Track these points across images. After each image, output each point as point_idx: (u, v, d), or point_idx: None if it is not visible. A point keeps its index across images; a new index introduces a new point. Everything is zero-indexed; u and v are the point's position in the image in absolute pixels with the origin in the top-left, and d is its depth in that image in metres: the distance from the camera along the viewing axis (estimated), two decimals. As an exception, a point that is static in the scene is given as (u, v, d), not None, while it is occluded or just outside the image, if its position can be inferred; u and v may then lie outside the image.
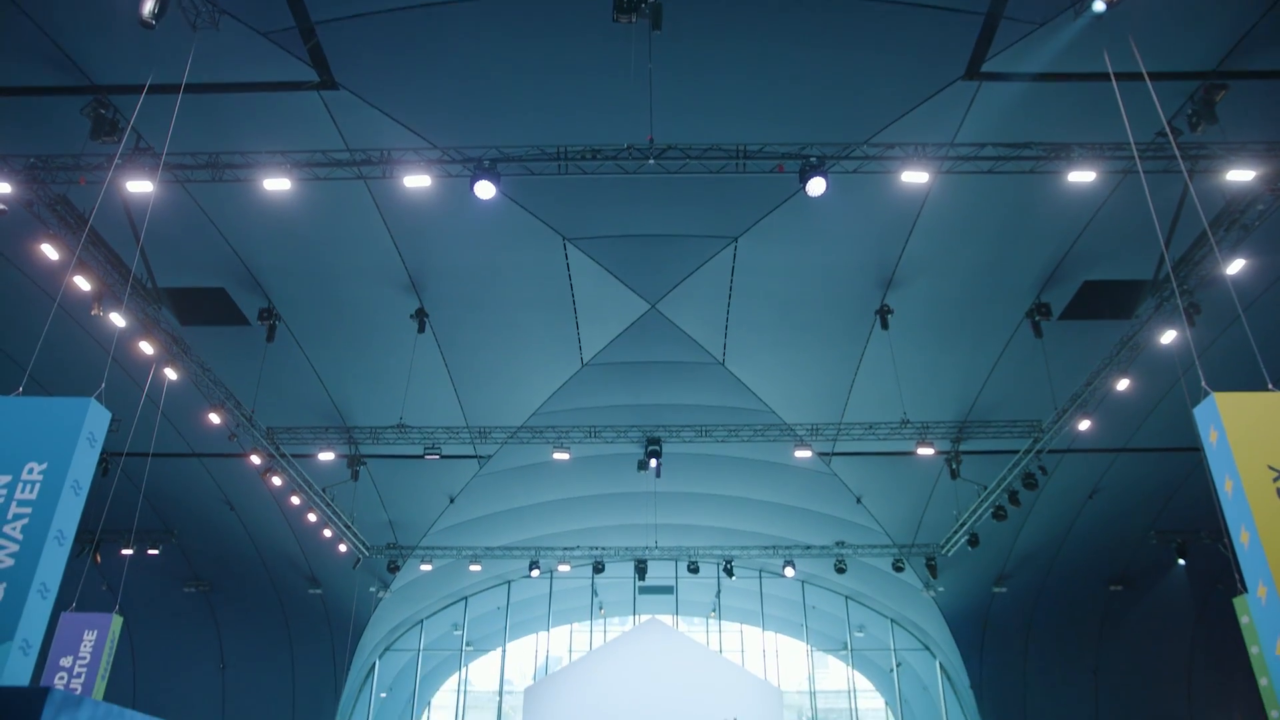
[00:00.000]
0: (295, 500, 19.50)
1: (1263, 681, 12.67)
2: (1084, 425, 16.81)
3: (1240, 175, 11.66)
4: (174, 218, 13.95)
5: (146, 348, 14.49)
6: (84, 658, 15.79)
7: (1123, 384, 15.64)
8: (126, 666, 25.59)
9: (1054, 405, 17.10)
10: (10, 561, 7.82)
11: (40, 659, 12.01)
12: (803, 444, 19.24)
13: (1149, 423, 19.08)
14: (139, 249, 13.29)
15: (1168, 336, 14.30)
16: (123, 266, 13.77)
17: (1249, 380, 8.51)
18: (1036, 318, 16.24)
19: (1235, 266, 12.99)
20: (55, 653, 15.55)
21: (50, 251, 12.41)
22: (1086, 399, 16.37)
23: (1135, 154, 10.13)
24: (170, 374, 15.36)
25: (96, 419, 8.49)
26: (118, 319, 13.58)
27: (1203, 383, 8.07)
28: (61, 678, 15.45)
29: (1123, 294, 15.59)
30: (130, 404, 15.22)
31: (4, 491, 8.02)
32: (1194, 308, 13.66)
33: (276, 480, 18.53)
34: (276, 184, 12.12)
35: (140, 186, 11.99)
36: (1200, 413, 8.00)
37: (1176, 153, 10.38)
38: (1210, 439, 7.87)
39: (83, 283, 13.03)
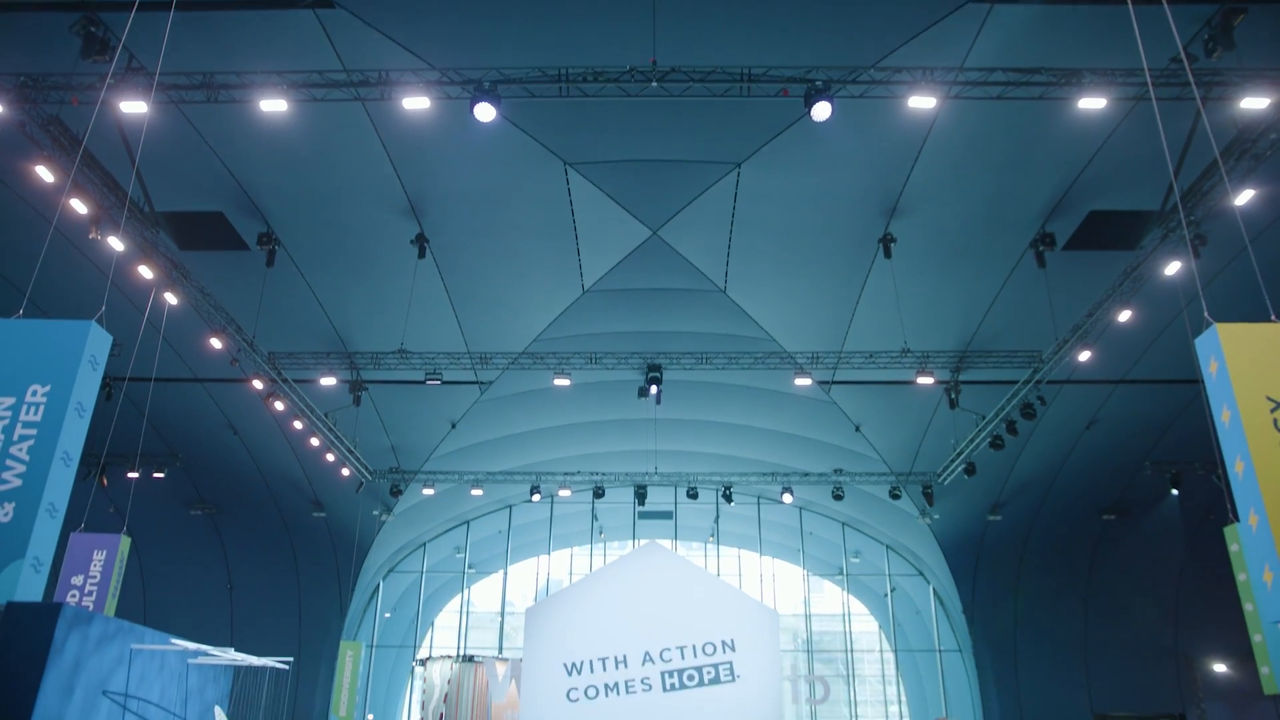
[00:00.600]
0: (298, 425, 19.66)
1: (1248, 607, 12.94)
2: (1084, 356, 16.83)
3: (1254, 103, 11.46)
4: (169, 140, 13.77)
5: (146, 272, 14.44)
6: (94, 577, 16.10)
7: (1124, 315, 15.60)
8: (136, 588, 26.13)
9: (1055, 336, 17.10)
10: (18, 482, 7.93)
11: (51, 578, 12.25)
12: (803, 372, 19.31)
13: (1149, 355, 19.10)
14: (135, 171, 13.14)
15: (1172, 268, 14.22)
16: (119, 189, 13.63)
17: (1251, 312, 8.48)
18: (1040, 248, 16.14)
19: (1244, 197, 12.86)
20: (66, 572, 15.85)
21: (45, 173, 12.26)
22: (1088, 330, 16.36)
23: (1149, 80, 9.93)
24: (170, 298, 15.34)
25: (98, 342, 8.51)
26: (116, 243, 13.50)
27: (1205, 313, 8.04)
28: (73, 596, 15.78)
29: (1128, 225, 15.46)
30: (131, 328, 15.24)
31: (8, 413, 8.09)
32: (1200, 239, 13.57)
33: (279, 405, 18.64)
34: (273, 105, 11.92)
35: (134, 107, 11.79)
36: (1201, 343, 8.00)
37: (1191, 79, 10.17)
38: (1210, 370, 7.89)
39: (79, 206, 12.91)
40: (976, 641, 27.08)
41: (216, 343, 16.56)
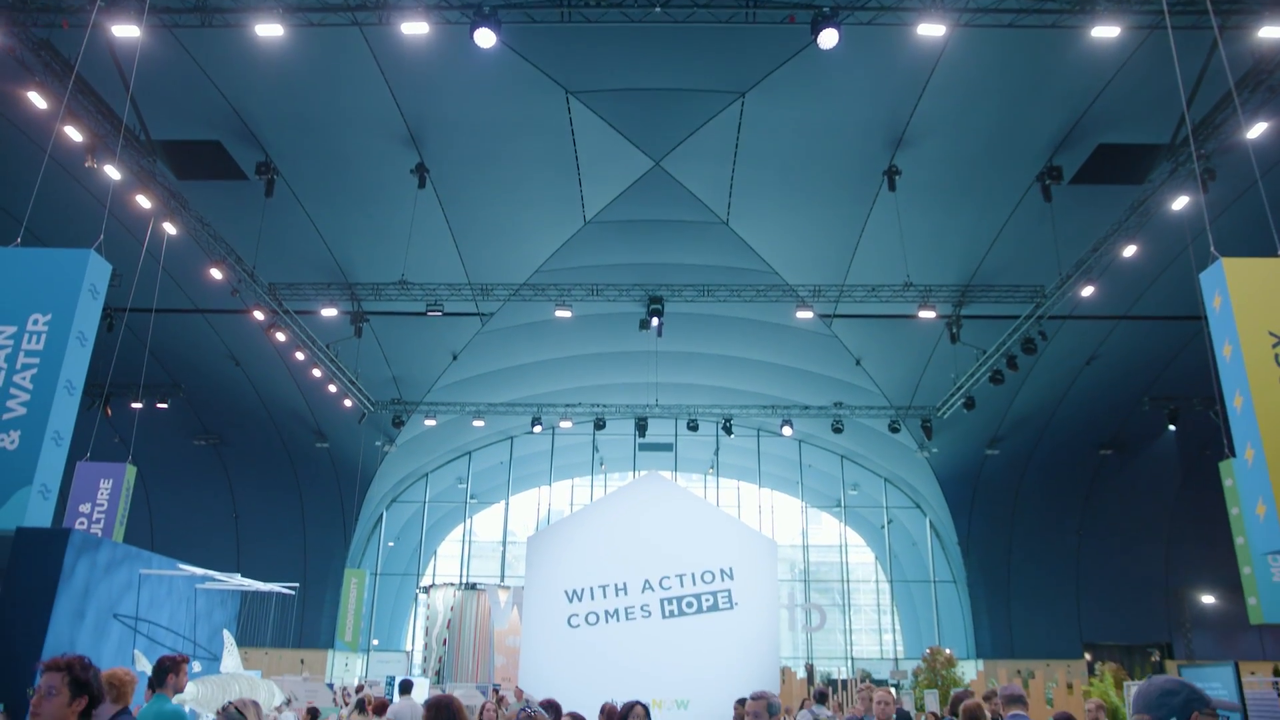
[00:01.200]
0: (299, 356, 19.70)
1: (1239, 540, 13.09)
2: (1087, 291, 16.77)
3: (1272, 32, 11.20)
4: (164, 67, 13.51)
5: (143, 202, 14.31)
6: (101, 505, 16.29)
7: (1129, 250, 15.50)
8: (143, 516, 26.49)
9: (1058, 271, 17.02)
10: (23, 410, 7.97)
11: (59, 507, 12.40)
12: (804, 305, 19.27)
13: (1152, 290, 19.04)
14: (129, 98, 12.93)
15: (1179, 202, 14.08)
16: (114, 117, 13.42)
17: (1259, 248, 8.41)
18: (1047, 181, 15.96)
19: (1256, 130, 12.66)
20: (74, 500, 16.05)
21: (38, 100, 12.07)
22: (1091, 265, 16.27)
23: (1165, 7, 9.69)
24: (169, 228, 15.23)
25: (97, 270, 8.47)
26: (112, 171, 13.34)
27: (1211, 247, 7.98)
28: (81, 523, 15.99)
29: (1137, 158, 15.25)
30: (130, 259, 15.16)
31: (10, 342, 8.09)
32: (1209, 173, 13.39)
33: (280, 336, 18.66)
34: (268, 30, 11.68)
35: (126, 31, 11.54)
36: (1206, 278, 7.95)
37: (1209, 6, 9.93)
38: (1214, 304, 7.85)
39: (74, 133, 12.74)
40: (971, 573, 27.54)
41: (217, 273, 16.50)
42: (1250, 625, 17.88)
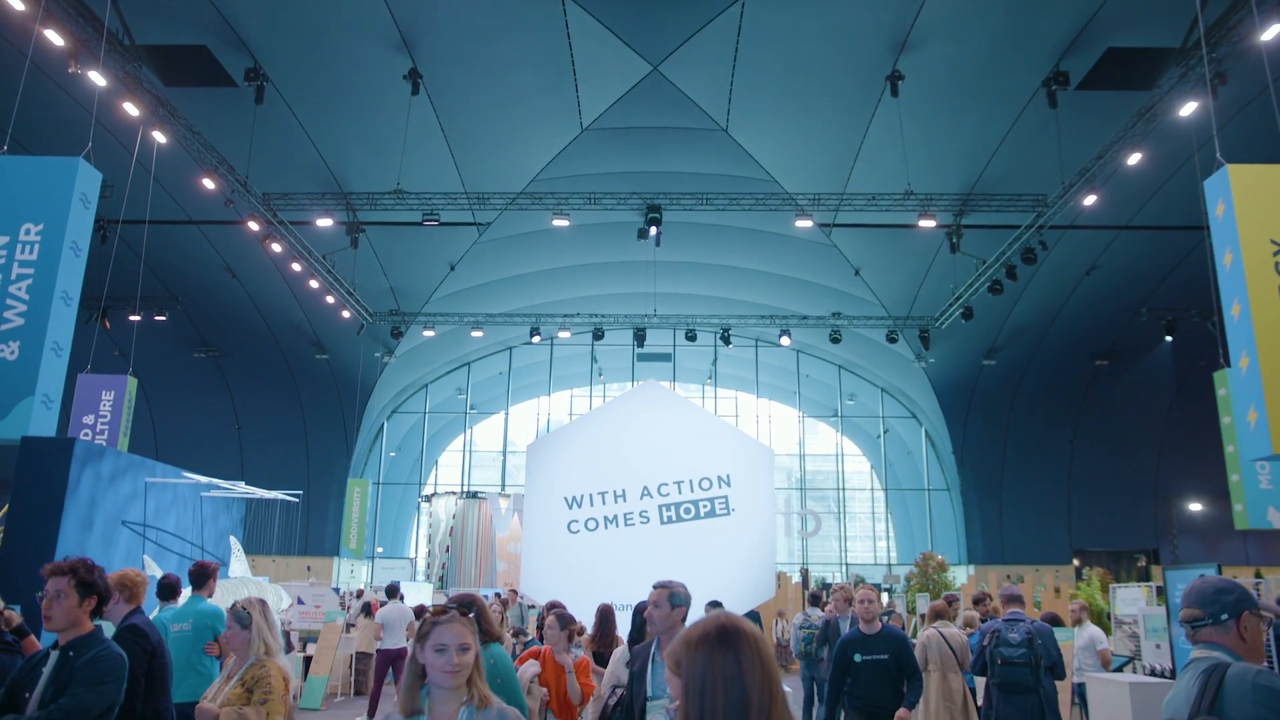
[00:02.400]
0: (296, 267, 19.58)
1: (1229, 449, 13.26)
2: (1089, 201, 16.59)
3: (1290, -72, 10.81)
4: (145, -35, 13.07)
5: (131, 109, 13.99)
6: (105, 416, 16.39)
7: (1134, 158, 15.26)
8: (146, 428, 26.75)
9: (1061, 180, 16.81)
10: (20, 321, 7.97)
11: (63, 419, 12.49)
12: (804, 214, 19.07)
13: (1154, 200, 18.84)
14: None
15: (1188, 108, 13.79)
16: (96, 20, 13.03)
17: (1267, 156, 8.29)
18: (1053, 87, 15.61)
19: (1271, 32, 12.31)
20: (77, 411, 16.15)
21: (14, 1, 11.68)
22: (1095, 173, 16.06)
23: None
24: (159, 137, 14.94)
25: (87, 179, 8.36)
26: (97, 78, 13.01)
27: (1217, 154, 7.87)
28: (85, 434, 16.13)
29: (1146, 62, 14.89)
30: (120, 169, 14.94)
31: (3, 252, 8.05)
32: (1220, 77, 13.09)
33: (276, 247, 18.51)
34: (252, -74, 11.23)
35: (105, -72, 11.11)
36: (1210, 185, 7.87)
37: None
38: (1217, 212, 7.79)
39: (54, 37, 12.38)
40: (964, 481, 28.00)
41: (209, 183, 16.27)
42: (1235, 531, 18.28)
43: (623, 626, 7.63)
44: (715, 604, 8.15)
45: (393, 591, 12.98)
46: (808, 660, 9.93)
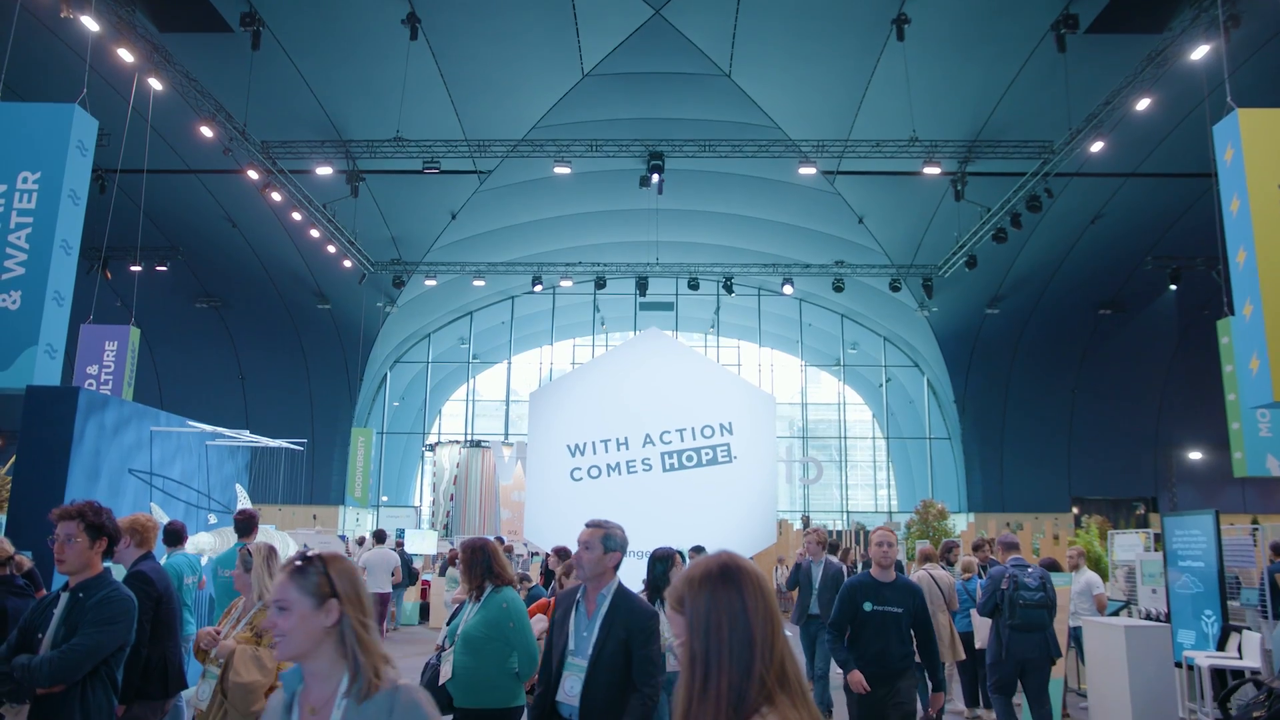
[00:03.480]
0: (296, 216, 19.48)
1: (1230, 397, 13.27)
2: (1096, 147, 16.40)
3: None
4: (136, -95, 12.79)
5: (125, 55, 13.80)
6: (109, 366, 16.39)
7: (1143, 103, 15.06)
8: (150, 378, 26.83)
9: (1068, 126, 16.60)
10: (21, 270, 7.96)
11: (67, 370, 12.51)
12: (807, 161, 18.88)
13: (1162, 147, 18.62)
14: (103, -59, 12.30)
15: (1199, 51, 13.56)
16: (88, -38, 12.80)
17: (1277, 102, 8.17)
18: (1062, 30, 15.36)
19: (1284, -28, 12.08)
20: (80, 362, 16.17)
21: (7, -57, 11.47)
22: (1103, 119, 15.86)
23: None
24: (154, 84, 14.76)
25: (83, 126, 8.28)
26: (90, 22, 12.82)
27: (1228, 98, 7.76)
28: (90, 384, 16.17)
29: (1158, 4, 14.62)
30: (117, 117, 14.78)
31: (2, 201, 8.00)
32: (1233, 19, 12.86)
33: (276, 196, 18.39)
34: None
35: None
36: (1220, 129, 7.77)
37: None
38: (1225, 157, 7.71)
39: (47, -20, 12.18)
40: (966, 430, 28.10)
41: (207, 131, 16.11)
42: (1233, 480, 18.39)
43: (632, 575, 7.70)
44: (698, 549, 8.16)
45: (380, 536, 13.19)
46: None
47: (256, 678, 3.74)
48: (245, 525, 7.32)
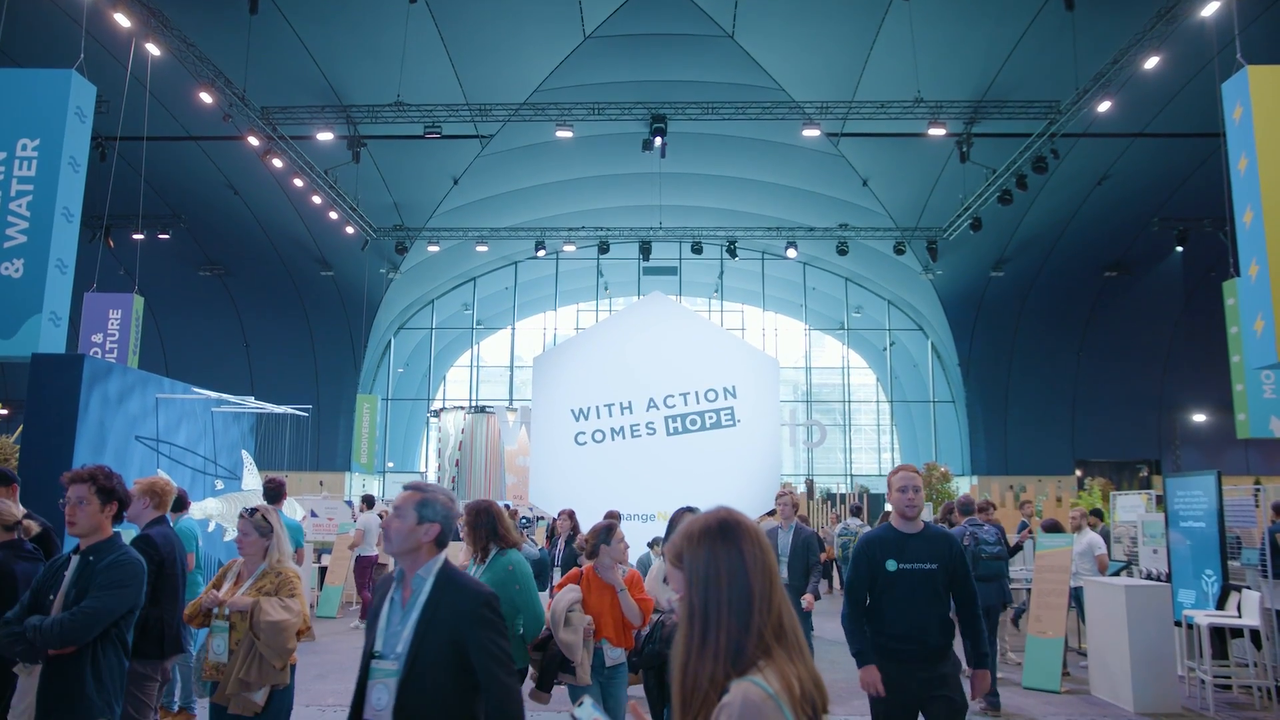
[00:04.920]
0: (298, 183, 19.40)
1: (1234, 359, 13.24)
2: (1104, 107, 16.23)
3: None
4: None
5: (122, 20, 13.68)
6: (113, 334, 16.42)
7: (1151, 62, 14.87)
8: (155, 346, 26.88)
9: (1076, 86, 16.42)
10: (22, 238, 7.95)
11: (72, 338, 12.52)
12: (811, 123, 18.72)
13: (1170, 107, 18.42)
14: (97, -97, 12.14)
15: (1209, 8, 13.36)
16: (82, -76, 12.64)
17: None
18: (1071, -14, 15.14)
19: (1296, -75, 11.86)
20: (85, 331, 16.19)
21: (0, -94, 11.32)
22: (1110, 78, 15.67)
23: None
24: (152, 49, 14.63)
25: (82, 92, 8.22)
26: (86, -15, 12.70)
27: (1238, 55, 7.66)
28: (95, 352, 16.20)
29: (1168, -41, 14.38)
30: (115, 83, 14.67)
31: (1, 168, 7.97)
32: (1243, -26, 12.64)
33: (277, 162, 18.30)
34: None
35: None
36: (1229, 87, 7.68)
37: None
38: (1234, 115, 7.62)
39: (42, -57, 12.04)
40: (970, 393, 28.10)
41: (206, 97, 15.99)
42: (1236, 441, 18.41)
43: (637, 539, 7.74)
44: (689, 509, 8.13)
45: (370, 502, 13.35)
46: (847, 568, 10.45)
47: (286, 617, 3.86)
48: (275, 493, 7.59)
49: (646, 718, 1.70)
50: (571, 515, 8.74)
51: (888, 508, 11.16)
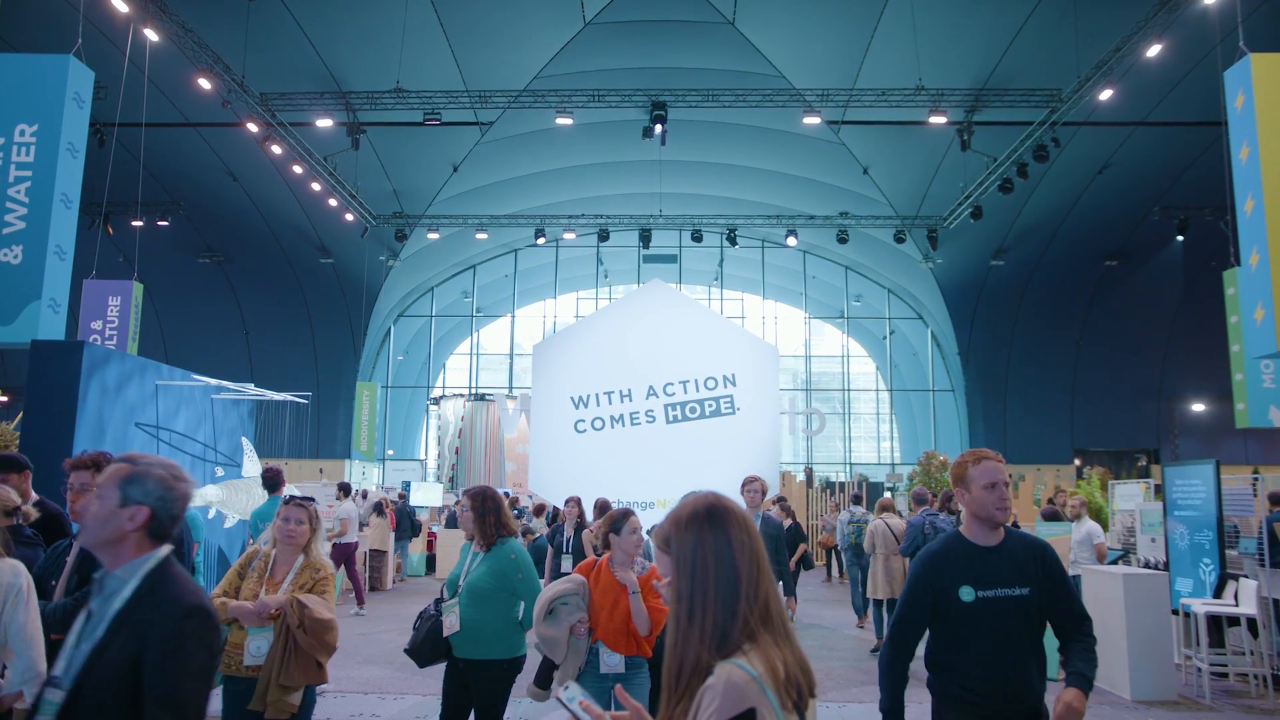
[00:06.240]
0: (297, 169, 19.35)
1: (1234, 348, 13.26)
2: (1105, 95, 16.18)
3: None
4: None
5: (120, 5, 13.62)
6: (113, 321, 16.40)
7: (1153, 50, 14.82)
8: (155, 333, 26.86)
9: (1077, 74, 16.36)
10: (21, 224, 7.94)
11: (71, 325, 12.51)
12: (812, 111, 18.67)
13: (1172, 96, 18.36)
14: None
15: (1212, -5, 13.32)
16: (80, -91, 12.56)
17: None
18: (1073, -27, 15.07)
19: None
20: (85, 317, 16.18)
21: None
22: (1112, 66, 15.62)
23: None
24: (150, 35, 14.57)
25: (79, 77, 8.20)
26: (84, -30, 12.62)
27: (1241, 42, 7.63)
28: (95, 339, 16.19)
29: (1171, -54, 14.31)
30: (113, 69, 14.61)
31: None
32: (1246, -38, 12.59)
33: (276, 149, 18.25)
34: None
35: None
36: (1231, 75, 7.66)
37: None
38: (1236, 104, 7.61)
39: (39, -72, 11.97)
40: (969, 382, 28.11)
41: (205, 84, 15.93)
42: (1235, 431, 18.43)
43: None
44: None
45: (346, 490, 13.37)
46: (854, 551, 11.81)
47: (331, 616, 3.83)
48: (273, 481, 8.06)
49: (629, 700, 1.70)
50: (579, 503, 8.75)
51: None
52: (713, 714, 1.48)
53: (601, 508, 7.35)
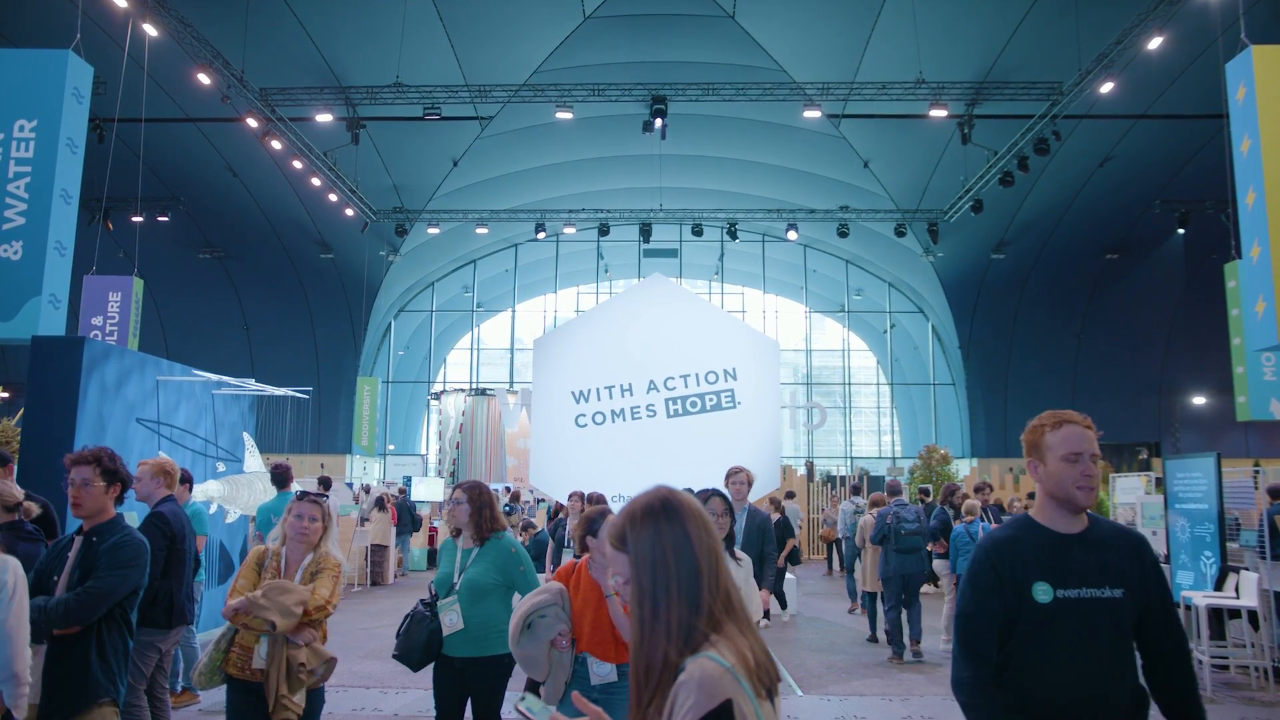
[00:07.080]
0: (297, 165, 19.32)
1: (1235, 341, 13.22)
2: (1106, 88, 16.15)
3: None
4: None
5: (119, 0, 13.59)
6: (113, 317, 16.38)
7: (1155, 42, 14.78)
8: (155, 329, 26.86)
9: (1078, 67, 16.32)
10: (21, 220, 7.93)
11: (72, 321, 12.49)
12: (812, 104, 18.62)
13: (1173, 88, 18.32)
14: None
15: (1212, -13, 13.29)
16: (78, -97, 12.52)
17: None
18: (1074, -34, 15.02)
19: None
20: (85, 313, 16.16)
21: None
22: (1113, 59, 15.58)
23: None
24: (149, 30, 14.54)
25: (79, 72, 8.18)
26: (83, -35, 12.58)
27: (1242, 34, 7.61)
28: (95, 335, 16.17)
29: (1173, -63, 14.27)
30: (112, 64, 14.58)
31: None
32: (1247, -47, 12.55)
33: (276, 144, 18.23)
34: None
35: None
36: (1232, 68, 7.64)
37: None
38: (1238, 96, 7.59)
39: (38, -78, 11.94)
40: (970, 375, 28.11)
41: (204, 78, 15.91)
42: (1236, 424, 18.43)
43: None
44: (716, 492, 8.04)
45: (326, 484, 13.40)
46: (850, 542, 12.20)
47: (290, 584, 3.78)
48: (282, 477, 8.20)
49: (588, 705, 1.68)
50: (582, 498, 8.75)
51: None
52: (690, 709, 1.46)
53: (586, 503, 7.27)
